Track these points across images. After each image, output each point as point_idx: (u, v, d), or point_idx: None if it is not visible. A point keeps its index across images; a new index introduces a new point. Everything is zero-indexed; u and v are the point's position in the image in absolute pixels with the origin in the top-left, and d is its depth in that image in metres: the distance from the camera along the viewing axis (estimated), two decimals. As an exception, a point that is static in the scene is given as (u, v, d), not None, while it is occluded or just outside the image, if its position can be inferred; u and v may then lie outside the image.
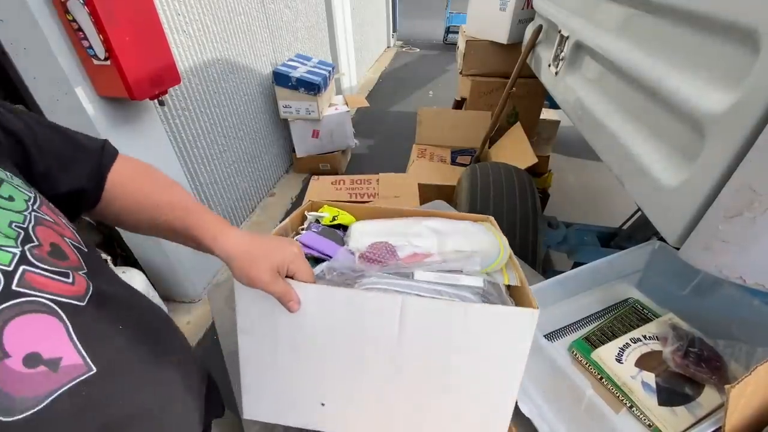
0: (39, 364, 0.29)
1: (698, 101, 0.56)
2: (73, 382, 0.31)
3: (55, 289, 0.32)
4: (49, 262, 0.33)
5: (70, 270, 0.34)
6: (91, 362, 0.32)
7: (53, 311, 0.31)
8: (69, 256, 0.35)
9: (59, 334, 0.31)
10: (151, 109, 1.46)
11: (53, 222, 0.36)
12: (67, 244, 0.36)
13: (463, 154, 2.25)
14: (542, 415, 0.67)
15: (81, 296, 0.34)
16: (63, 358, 0.31)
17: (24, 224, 0.32)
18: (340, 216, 0.72)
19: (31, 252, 0.31)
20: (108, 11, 1.05)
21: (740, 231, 0.50)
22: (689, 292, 0.83)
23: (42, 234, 0.33)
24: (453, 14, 6.28)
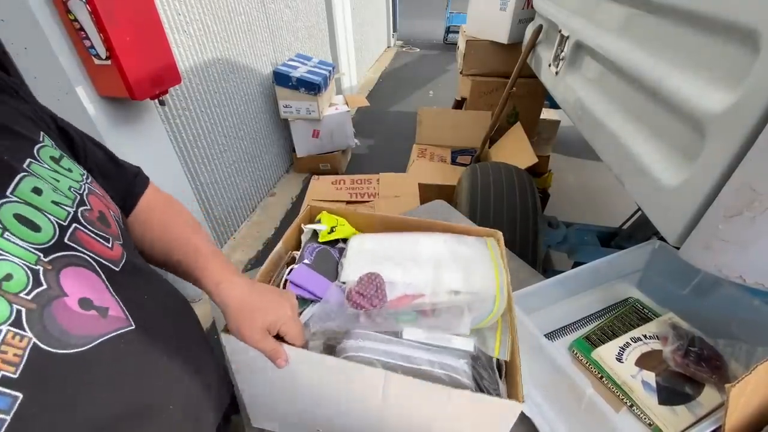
0: (91, 308, 0.32)
1: (698, 101, 0.56)
2: (118, 331, 0.34)
3: (98, 249, 0.36)
4: (96, 226, 0.37)
5: (110, 237, 0.38)
6: (131, 318, 0.36)
7: (95, 269, 0.35)
8: (111, 225, 0.39)
9: (104, 289, 0.35)
10: (152, 108, 1.46)
11: (102, 195, 0.40)
12: (111, 216, 0.40)
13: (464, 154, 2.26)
14: (542, 414, 0.67)
15: (116, 261, 0.38)
16: (110, 309, 0.34)
17: (80, 191, 0.37)
18: (338, 227, 0.70)
19: (83, 214, 0.36)
20: (109, 11, 1.05)
21: (740, 230, 0.51)
22: (689, 292, 0.83)
23: (93, 202, 0.38)
24: (453, 14, 6.28)
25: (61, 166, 0.37)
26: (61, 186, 0.35)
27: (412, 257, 0.62)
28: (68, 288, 0.31)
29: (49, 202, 0.33)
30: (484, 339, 0.55)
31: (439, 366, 0.49)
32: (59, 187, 0.35)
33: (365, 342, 0.51)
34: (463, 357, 0.51)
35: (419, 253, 0.63)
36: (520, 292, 0.76)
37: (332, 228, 0.69)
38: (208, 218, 2.01)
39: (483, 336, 0.55)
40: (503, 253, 0.64)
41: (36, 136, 0.36)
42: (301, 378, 0.51)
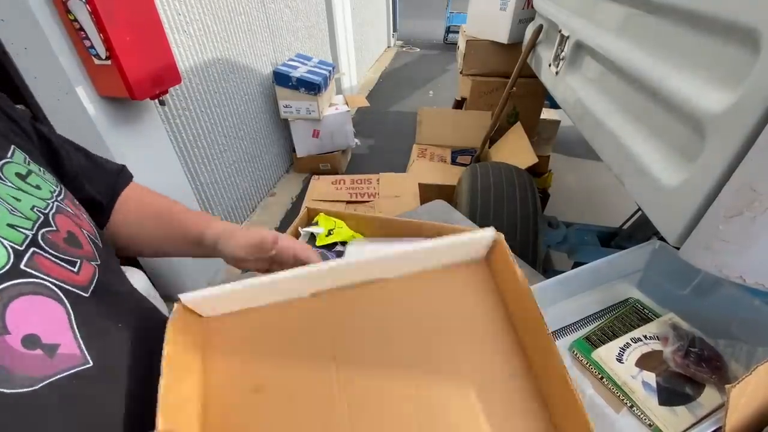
0: (36, 347, 0.29)
1: (698, 101, 0.56)
2: (70, 370, 0.30)
3: (60, 275, 0.32)
4: (60, 249, 0.34)
5: (81, 258, 0.35)
6: (88, 355, 0.32)
7: (58, 297, 0.31)
8: (83, 246, 0.36)
9: (61, 321, 0.31)
10: (152, 108, 1.47)
11: (73, 214, 0.38)
12: (84, 235, 0.37)
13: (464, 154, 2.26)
14: (542, 414, 0.67)
15: (85, 287, 0.34)
16: (60, 345, 0.30)
17: (45, 210, 0.34)
18: (336, 230, 0.69)
19: (45, 236, 0.33)
20: (109, 11, 1.05)
21: (740, 231, 0.51)
22: (690, 292, 0.83)
23: (60, 222, 0.35)
24: (453, 14, 6.28)
25: (28, 183, 0.34)
26: (22, 206, 0.32)
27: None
28: (12, 324, 0.28)
29: (4, 226, 0.30)
30: None
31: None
32: (19, 207, 0.32)
33: None
34: None
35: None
36: (520, 293, 0.76)
37: (330, 231, 0.69)
38: (208, 218, 2.01)
39: None
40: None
41: (2, 152, 0.34)
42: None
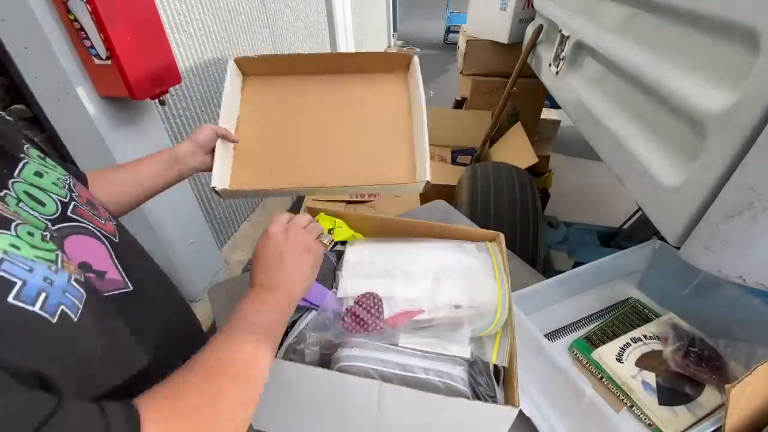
0: (90, 272, 0.35)
1: (698, 101, 0.56)
2: (117, 290, 0.38)
3: (97, 224, 0.40)
4: (88, 208, 0.41)
5: (102, 218, 0.43)
6: (129, 282, 0.39)
7: (98, 237, 0.39)
8: (99, 210, 0.44)
9: (105, 255, 0.38)
10: (152, 108, 1.47)
11: (84, 188, 0.45)
12: (97, 203, 0.45)
13: (464, 154, 2.25)
14: (542, 414, 0.67)
15: (114, 234, 0.42)
16: (107, 273, 0.37)
17: (67, 182, 0.41)
18: (336, 229, 0.69)
19: (77, 199, 0.40)
20: (109, 11, 1.05)
21: (740, 231, 0.51)
22: (690, 292, 0.83)
23: (80, 191, 0.42)
24: (453, 14, 6.28)
25: (48, 163, 0.41)
26: (53, 176, 0.40)
27: (410, 269, 0.61)
28: (70, 253, 0.34)
29: (50, 183, 0.38)
30: (481, 345, 0.54)
31: (435, 374, 0.48)
32: (51, 177, 0.40)
33: (360, 351, 0.50)
34: (460, 364, 0.50)
35: (418, 263, 0.62)
36: (520, 292, 0.76)
37: (330, 230, 0.69)
38: (208, 218, 2.01)
39: (481, 342, 0.54)
40: (505, 256, 0.63)
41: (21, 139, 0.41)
42: (297, 389, 0.51)
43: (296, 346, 0.52)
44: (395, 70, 0.78)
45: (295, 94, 0.79)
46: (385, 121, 0.77)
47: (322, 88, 0.79)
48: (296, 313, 0.55)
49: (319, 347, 0.53)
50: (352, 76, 0.79)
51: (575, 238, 1.52)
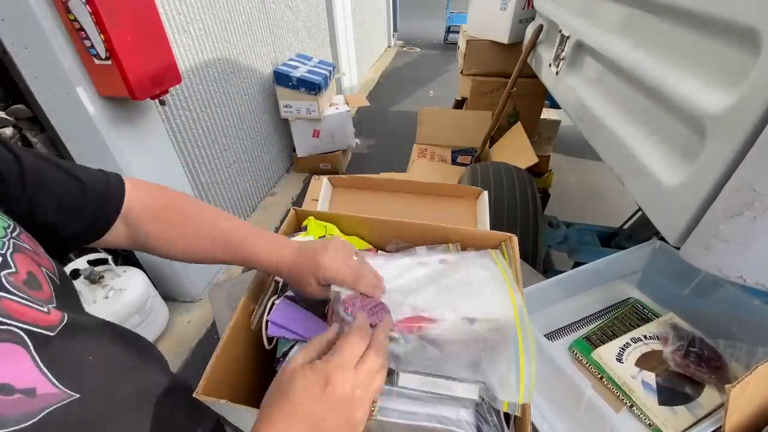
0: (15, 393, 0.28)
1: (698, 101, 0.56)
2: (57, 404, 0.30)
3: (31, 317, 0.31)
4: (23, 290, 0.32)
5: (42, 302, 0.33)
6: (69, 390, 0.32)
7: (22, 341, 0.30)
8: (43, 287, 0.34)
9: (27, 366, 0.30)
10: (152, 108, 1.47)
11: (32, 251, 0.35)
12: (44, 274, 0.35)
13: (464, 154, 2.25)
14: (542, 414, 0.67)
15: (53, 326, 0.33)
16: (37, 389, 0.30)
17: (2, 250, 0.32)
18: (328, 236, 0.66)
19: (8, 278, 0.31)
20: (109, 11, 1.05)
21: (741, 230, 0.51)
22: (690, 292, 0.83)
23: (20, 261, 0.33)
24: (453, 14, 6.28)
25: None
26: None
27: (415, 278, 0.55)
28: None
29: None
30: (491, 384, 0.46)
31: (439, 420, 0.44)
32: None
33: None
34: (466, 406, 0.46)
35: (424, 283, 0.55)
36: (520, 292, 0.76)
37: (321, 238, 0.65)
38: (208, 218, 2.01)
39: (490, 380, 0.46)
40: (517, 259, 0.59)
41: None
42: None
43: None
44: (467, 198, 0.88)
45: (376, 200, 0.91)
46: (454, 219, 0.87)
47: (400, 200, 0.90)
48: (284, 346, 0.52)
49: None
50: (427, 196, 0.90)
51: (575, 238, 1.52)
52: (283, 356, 0.52)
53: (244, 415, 0.45)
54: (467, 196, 0.88)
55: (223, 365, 0.48)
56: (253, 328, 0.56)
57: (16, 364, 0.29)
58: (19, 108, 1.25)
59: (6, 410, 0.27)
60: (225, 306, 0.93)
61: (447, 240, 0.67)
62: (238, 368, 0.53)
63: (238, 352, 0.53)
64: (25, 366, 0.30)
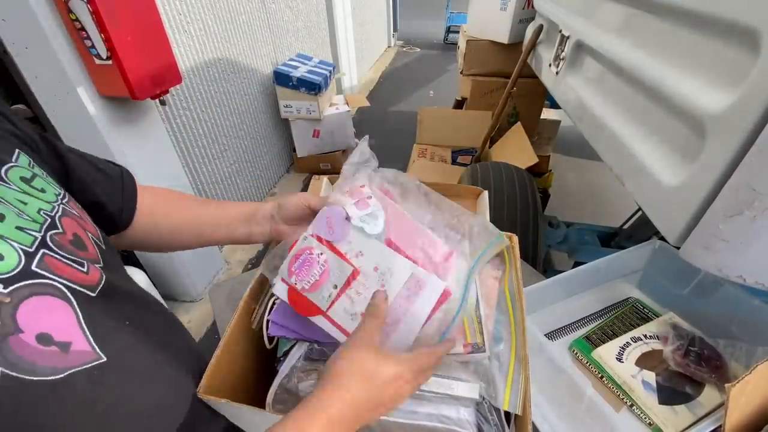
0: (51, 344, 0.30)
1: (698, 101, 0.56)
2: (85, 365, 0.32)
3: (70, 275, 0.33)
4: (68, 250, 0.34)
5: (86, 261, 0.36)
6: (100, 351, 0.33)
7: (66, 297, 0.32)
8: (88, 248, 0.37)
9: (70, 320, 0.32)
10: (153, 108, 1.47)
11: (78, 216, 0.38)
12: (89, 237, 0.38)
13: (464, 154, 2.25)
14: (543, 413, 0.67)
15: (93, 287, 0.35)
16: (72, 344, 0.31)
17: (51, 213, 0.35)
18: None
19: (53, 238, 0.33)
20: (110, 11, 1.05)
21: (740, 230, 0.51)
22: (690, 292, 0.83)
23: (67, 224, 0.36)
24: (453, 14, 6.28)
25: (33, 187, 0.35)
26: (29, 209, 0.33)
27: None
28: (24, 323, 0.29)
29: (12, 228, 0.31)
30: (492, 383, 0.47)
31: (439, 419, 0.44)
32: (26, 210, 0.33)
33: None
34: (467, 405, 0.46)
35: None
36: (520, 292, 0.76)
37: None
38: (208, 218, 2.02)
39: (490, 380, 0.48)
40: (517, 259, 0.59)
41: (7, 156, 0.35)
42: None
43: (287, 384, 0.48)
44: (468, 197, 0.89)
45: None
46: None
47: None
48: (285, 346, 0.52)
49: (314, 381, 0.48)
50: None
51: (575, 238, 1.52)
52: (284, 356, 0.52)
53: (245, 414, 0.45)
54: (467, 196, 0.89)
55: (224, 365, 0.48)
56: (253, 327, 0.56)
57: (59, 317, 0.31)
58: (19, 108, 1.26)
59: (40, 359, 0.29)
60: (225, 306, 0.93)
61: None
62: (239, 368, 0.53)
63: (239, 351, 0.53)
64: (67, 320, 0.32)
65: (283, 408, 0.47)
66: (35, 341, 0.29)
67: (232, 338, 0.51)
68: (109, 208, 0.47)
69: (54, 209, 0.35)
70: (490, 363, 0.49)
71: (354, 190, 0.51)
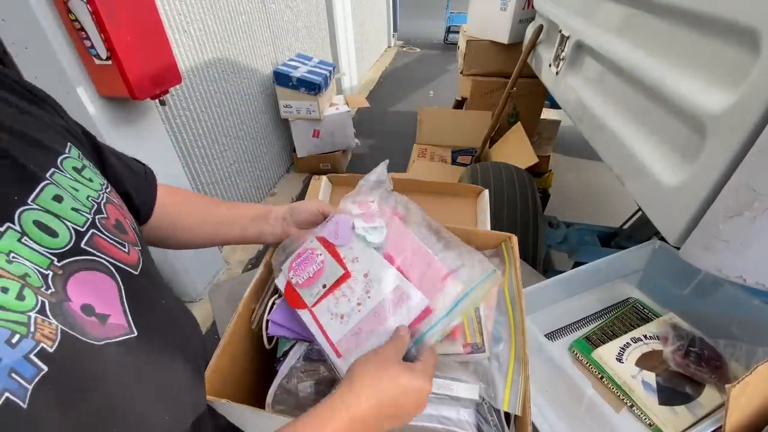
0: (92, 315, 0.33)
1: (698, 101, 0.56)
2: (117, 338, 0.34)
3: (115, 254, 0.37)
4: (113, 232, 0.38)
5: (127, 243, 0.39)
6: (134, 326, 0.36)
7: (111, 273, 0.35)
8: (128, 233, 0.41)
9: (112, 295, 0.35)
10: (152, 108, 1.47)
11: (119, 205, 0.42)
12: (128, 223, 0.42)
13: (464, 154, 2.25)
14: (542, 414, 0.67)
15: (135, 266, 0.39)
16: (110, 316, 0.34)
17: (98, 199, 0.38)
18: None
19: (100, 221, 0.37)
20: (110, 11, 1.05)
21: (740, 231, 0.51)
22: (690, 292, 0.83)
23: (110, 210, 0.39)
24: (453, 14, 6.28)
25: (83, 176, 0.38)
26: (80, 195, 0.36)
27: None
28: (72, 293, 0.32)
29: (68, 209, 0.34)
30: (491, 383, 0.48)
31: (439, 420, 0.45)
32: (78, 196, 0.36)
33: None
34: (467, 406, 0.46)
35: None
36: (520, 292, 0.76)
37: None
38: (208, 218, 2.02)
39: (490, 380, 0.48)
40: (517, 259, 0.59)
41: (62, 148, 0.38)
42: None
43: (287, 384, 0.48)
44: (468, 196, 0.89)
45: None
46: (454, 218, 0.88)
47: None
48: (284, 346, 0.53)
49: (313, 381, 0.49)
50: (427, 194, 0.90)
51: (575, 238, 1.52)
52: (284, 356, 0.52)
53: (245, 414, 0.45)
54: (467, 195, 0.88)
55: (223, 365, 0.49)
56: (253, 327, 0.56)
57: (104, 290, 0.34)
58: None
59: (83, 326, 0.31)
60: (225, 306, 0.93)
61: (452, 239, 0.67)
62: (239, 368, 0.53)
63: (239, 351, 0.53)
64: (112, 294, 0.35)
65: (283, 408, 0.47)
66: (80, 310, 0.32)
67: (232, 338, 0.51)
68: (135, 201, 0.50)
69: (100, 196, 0.39)
70: (489, 363, 0.49)
71: (363, 203, 0.54)
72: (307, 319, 0.48)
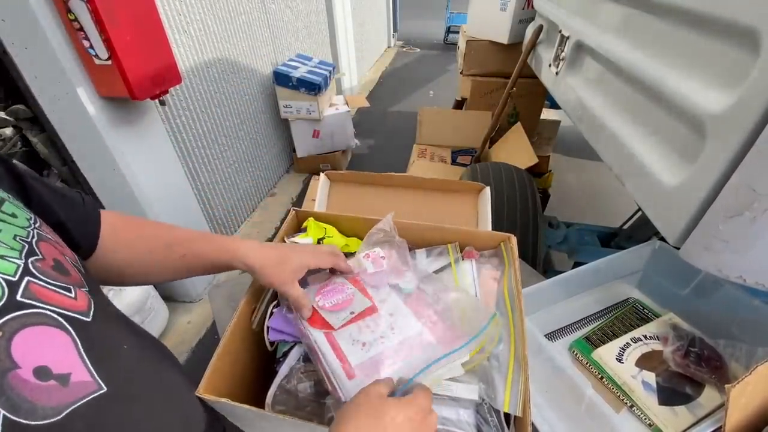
0: (49, 378, 0.28)
1: (698, 101, 0.56)
2: (86, 398, 0.30)
3: (60, 302, 0.31)
4: (52, 276, 0.32)
5: (72, 286, 0.34)
6: (101, 381, 0.31)
7: (61, 325, 0.30)
8: (70, 273, 0.35)
9: (68, 349, 0.30)
10: (152, 108, 1.47)
11: (54, 241, 0.36)
12: (68, 261, 0.36)
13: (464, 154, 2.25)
14: (542, 414, 0.67)
15: (85, 312, 0.33)
16: (72, 374, 0.30)
17: (28, 238, 0.32)
18: (326, 239, 0.65)
19: (35, 265, 0.31)
20: (109, 11, 1.05)
21: (740, 231, 0.51)
22: (689, 292, 0.83)
23: (45, 249, 0.33)
24: (453, 14, 6.28)
25: (3, 212, 0.32)
26: (5, 236, 0.31)
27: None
28: (20, 357, 0.27)
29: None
30: (491, 384, 0.48)
31: (439, 421, 0.44)
32: (3, 238, 0.31)
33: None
34: (466, 406, 0.46)
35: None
36: (520, 293, 0.76)
37: (319, 240, 0.65)
38: (208, 218, 2.02)
39: (489, 381, 0.48)
40: (516, 260, 0.59)
41: None
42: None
43: (287, 385, 0.48)
44: (469, 193, 0.88)
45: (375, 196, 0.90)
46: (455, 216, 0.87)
47: (400, 196, 0.89)
48: (286, 345, 0.53)
49: (312, 382, 0.48)
50: (427, 192, 0.89)
51: (575, 238, 1.52)
52: (284, 356, 0.52)
53: (245, 413, 0.45)
54: (469, 192, 0.87)
55: (224, 365, 0.49)
56: (254, 327, 0.56)
57: (56, 347, 0.29)
58: (19, 108, 1.25)
59: (39, 398, 0.27)
60: (225, 306, 0.93)
61: (446, 240, 0.67)
62: (239, 368, 0.53)
63: (239, 352, 0.53)
64: (66, 349, 0.30)
65: (283, 408, 0.48)
66: (33, 377, 0.27)
67: (232, 339, 0.51)
68: (73, 232, 0.43)
69: (29, 234, 0.33)
70: (489, 364, 0.49)
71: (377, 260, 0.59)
72: (320, 340, 0.49)
